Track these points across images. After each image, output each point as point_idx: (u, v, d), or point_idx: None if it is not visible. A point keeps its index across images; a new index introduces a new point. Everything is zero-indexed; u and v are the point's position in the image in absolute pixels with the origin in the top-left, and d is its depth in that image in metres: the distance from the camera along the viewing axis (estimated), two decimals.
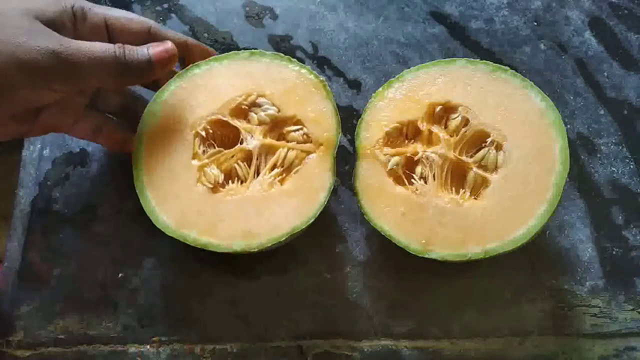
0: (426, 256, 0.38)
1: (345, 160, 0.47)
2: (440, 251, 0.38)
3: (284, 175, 0.40)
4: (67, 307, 0.42)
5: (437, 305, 0.42)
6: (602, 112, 0.49)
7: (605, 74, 0.51)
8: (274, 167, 0.40)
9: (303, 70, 0.41)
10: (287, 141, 0.41)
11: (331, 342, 0.41)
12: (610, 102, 0.50)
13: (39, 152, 0.47)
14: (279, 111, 0.41)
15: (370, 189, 0.40)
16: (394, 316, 0.42)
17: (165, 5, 0.53)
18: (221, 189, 0.40)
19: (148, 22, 0.41)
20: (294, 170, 0.40)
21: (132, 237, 0.44)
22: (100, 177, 0.46)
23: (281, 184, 0.40)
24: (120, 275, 0.43)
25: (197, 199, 0.39)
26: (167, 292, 0.42)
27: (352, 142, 0.47)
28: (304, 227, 0.38)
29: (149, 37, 0.40)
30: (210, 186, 0.39)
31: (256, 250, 0.38)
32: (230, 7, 0.53)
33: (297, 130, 0.41)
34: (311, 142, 0.40)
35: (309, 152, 0.40)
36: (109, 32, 0.40)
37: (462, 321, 0.42)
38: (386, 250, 0.43)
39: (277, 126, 0.41)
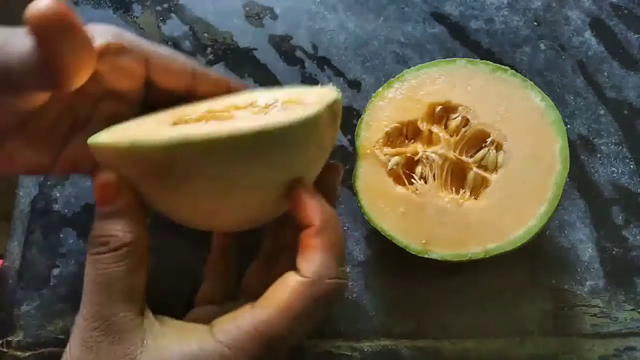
0: (426, 256, 0.38)
1: (345, 160, 0.47)
2: (440, 251, 0.38)
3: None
4: (67, 307, 0.42)
5: (437, 305, 0.42)
6: (602, 112, 0.49)
7: (605, 74, 0.51)
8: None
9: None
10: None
11: (331, 342, 0.41)
12: (610, 102, 0.50)
13: None
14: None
15: (370, 189, 0.40)
16: (394, 316, 0.42)
17: (165, 5, 0.53)
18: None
19: (192, 64, 0.37)
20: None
21: None
22: None
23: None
24: None
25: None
26: (167, 291, 0.42)
27: (352, 142, 0.47)
28: None
29: (192, 80, 0.36)
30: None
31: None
32: (230, 7, 0.53)
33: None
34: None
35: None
36: (148, 71, 0.35)
37: (462, 321, 0.42)
38: (386, 250, 0.43)
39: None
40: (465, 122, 0.41)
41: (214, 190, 0.28)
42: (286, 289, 0.28)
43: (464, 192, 0.40)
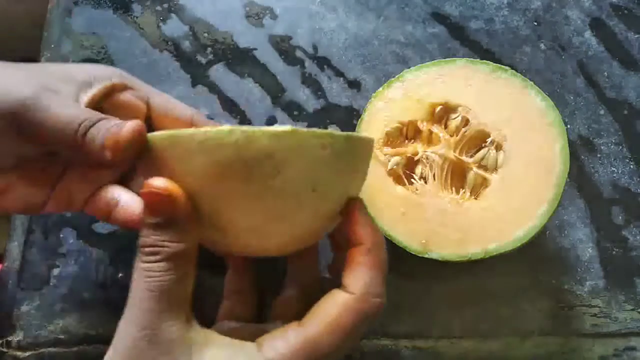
0: (426, 256, 0.38)
1: None
2: (440, 251, 0.38)
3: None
4: (67, 307, 0.42)
5: (437, 305, 0.42)
6: (602, 112, 0.49)
7: (605, 74, 0.51)
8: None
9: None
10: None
11: None
12: (610, 102, 0.50)
13: None
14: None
15: (370, 189, 0.40)
16: (394, 316, 0.42)
17: (165, 5, 0.53)
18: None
19: (192, 110, 0.38)
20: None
21: (132, 237, 0.44)
22: None
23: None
24: (120, 275, 0.43)
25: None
26: None
27: None
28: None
29: (190, 126, 0.37)
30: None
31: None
32: (230, 7, 0.53)
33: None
34: None
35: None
36: (149, 111, 0.36)
37: (462, 321, 0.42)
38: (386, 250, 0.43)
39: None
40: (465, 122, 0.41)
41: (294, 191, 0.28)
42: (335, 305, 0.28)
43: (464, 192, 0.40)
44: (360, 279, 0.29)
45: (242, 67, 0.50)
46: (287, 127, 0.27)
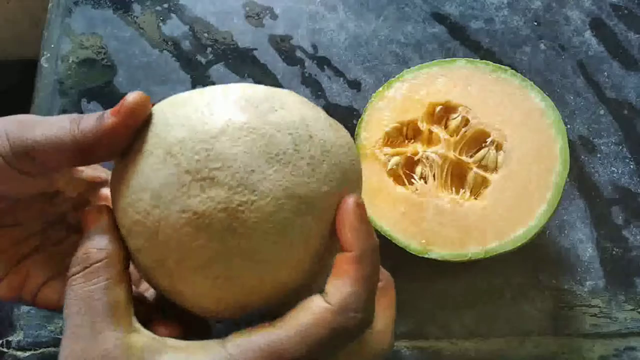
0: (426, 256, 0.38)
1: None
2: (440, 251, 0.38)
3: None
4: None
5: (437, 305, 0.42)
6: (602, 112, 0.49)
7: (605, 74, 0.51)
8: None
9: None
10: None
11: None
12: (610, 102, 0.50)
13: None
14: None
15: (370, 189, 0.40)
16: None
17: (165, 5, 0.53)
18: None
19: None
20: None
21: None
22: None
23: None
24: None
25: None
26: None
27: None
28: None
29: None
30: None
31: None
32: (230, 7, 0.53)
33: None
34: None
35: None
36: None
37: (462, 321, 0.42)
38: (386, 250, 0.43)
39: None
40: (465, 122, 0.41)
41: (290, 128, 0.27)
42: (309, 313, 0.27)
43: (464, 192, 0.40)
44: (340, 290, 0.27)
45: (242, 67, 0.50)
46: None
